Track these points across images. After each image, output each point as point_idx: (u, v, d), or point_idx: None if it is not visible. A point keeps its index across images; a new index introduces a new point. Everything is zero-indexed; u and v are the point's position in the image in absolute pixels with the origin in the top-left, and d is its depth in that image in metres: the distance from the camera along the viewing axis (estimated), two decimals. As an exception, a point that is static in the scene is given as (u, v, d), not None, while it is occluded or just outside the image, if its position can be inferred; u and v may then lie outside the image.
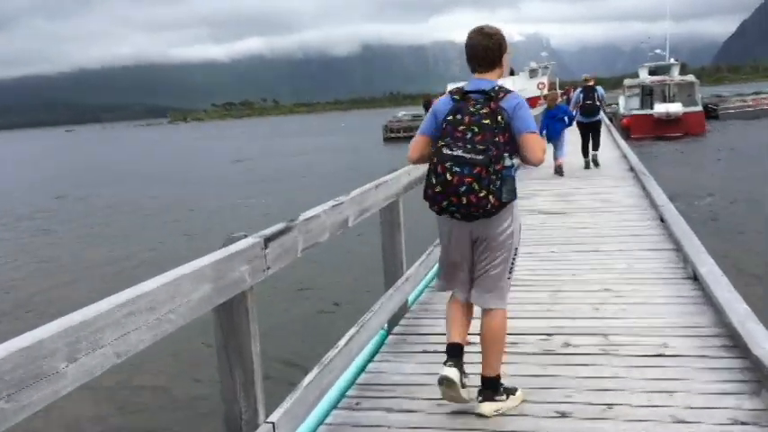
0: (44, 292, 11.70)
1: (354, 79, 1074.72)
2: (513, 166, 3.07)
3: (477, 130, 2.96)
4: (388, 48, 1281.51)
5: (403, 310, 4.76)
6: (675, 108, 31.36)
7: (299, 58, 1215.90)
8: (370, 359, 4.04)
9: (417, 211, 4.09)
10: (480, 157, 2.90)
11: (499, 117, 2.99)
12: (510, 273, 3.23)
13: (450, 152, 2.95)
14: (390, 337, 4.43)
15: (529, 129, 3.06)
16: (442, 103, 3.19)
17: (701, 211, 13.95)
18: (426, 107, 44.89)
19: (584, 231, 7.43)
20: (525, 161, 3.12)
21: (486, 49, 3.13)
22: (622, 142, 18.29)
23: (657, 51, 42.34)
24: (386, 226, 4.73)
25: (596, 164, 13.38)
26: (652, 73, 37.90)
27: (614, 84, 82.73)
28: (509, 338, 3.49)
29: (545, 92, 46.74)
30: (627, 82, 38.38)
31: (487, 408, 3.14)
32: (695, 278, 5.10)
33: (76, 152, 69.70)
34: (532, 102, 40.69)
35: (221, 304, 2.34)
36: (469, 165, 2.91)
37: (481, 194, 2.90)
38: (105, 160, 53.07)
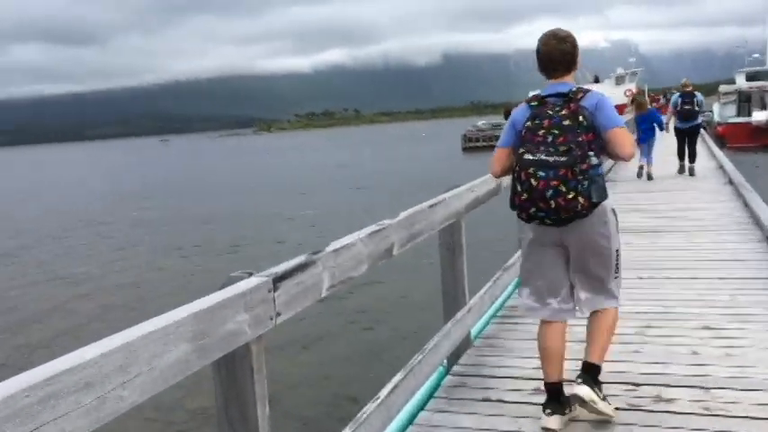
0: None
1: (436, 89, 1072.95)
2: (600, 164, 2.96)
3: (557, 132, 2.87)
4: (469, 57, 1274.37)
5: (465, 345, 4.19)
6: (775, 115, 29.27)
7: (380, 69, 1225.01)
8: (422, 406, 3.48)
9: (481, 230, 3.64)
10: (564, 158, 2.81)
11: (581, 117, 2.89)
12: (617, 272, 3.13)
13: (531, 157, 2.88)
14: (449, 378, 3.86)
15: (615, 123, 2.98)
16: (519, 113, 3.10)
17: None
18: (507, 116, 44.17)
19: (678, 254, 6.56)
20: (614, 157, 3.09)
21: (562, 53, 3.05)
22: (718, 152, 16.95)
23: (756, 56, 39.69)
24: (444, 249, 4.17)
25: (692, 174, 12.76)
26: (750, 79, 35.66)
27: (708, 91, 78.68)
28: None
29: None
30: (722, 88, 36.24)
31: (586, 391, 2.98)
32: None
33: (193, 164, 68.80)
34: (619, 110, 38.99)
35: (222, 357, 1.87)
36: (554, 168, 2.82)
37: (569, 196, 2.80)
38: (202, 171, 53.56)
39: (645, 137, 12.85)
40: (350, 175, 37.27)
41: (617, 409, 3.19)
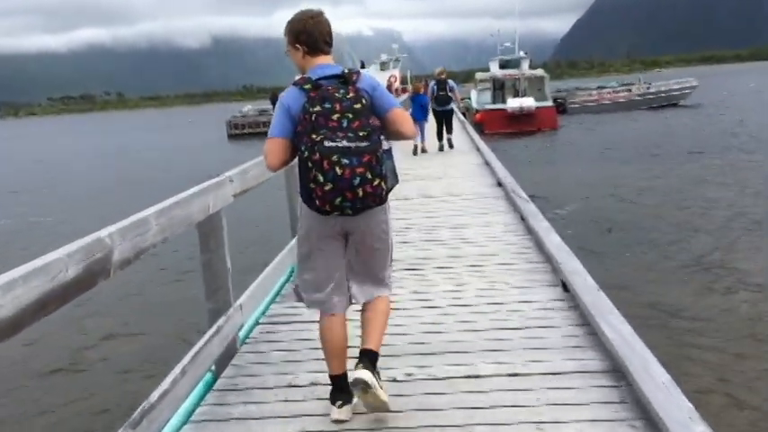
0: None
1: (207, 73, 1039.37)
2: (390, 148, 2.96)
3: (351, 116, 2.74)
4: (239, 40, 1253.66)
5: (232, 348, 3.82)
6: (529, 103, 31.02)
7: (145, 50, 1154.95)
8: (189, 416, 3.10)
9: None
10: (365, 143, 2.72)
11: (363, 100, 2.79)
12: (391, 261, 3.16)
13: (333, 144, 2.69)
14: (220, 381, 3.53)
15: (394, 104, 2.97)
16: (292, 98, 2.87)
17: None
18: (274, 102, 42.22)
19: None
20: (398, 136, 3.00)
21: (326, 32, 2.98)
22: (477, 137, 17.57)
23: (507, 44, 42.11)
24: (203, 245, 3.69)
25: (451, 145, 15.40)
26: (503, 66, 37.53)
27: (464, 78, 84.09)
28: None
29: (396, 85, 45.30)
30: (478, 75, 37.82)
31: (368, 375, 2.82)
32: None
33: None
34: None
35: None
36: (356, 154, 2.70)
37: (375, 183, 2.74)
38: None
39: (419, 117, 14.99)
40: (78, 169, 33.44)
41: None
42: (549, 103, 33.88)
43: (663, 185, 16.13)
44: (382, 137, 2.82)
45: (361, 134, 2.70)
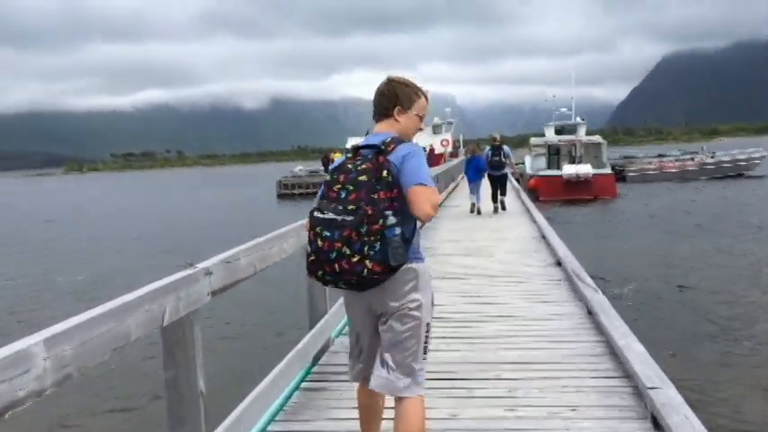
0: None
1: (264, 132, 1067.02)
2: (397, 224, 2.63)
3: (351, 188, 2.64)
4: (297, 102, 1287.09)
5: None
6: (585, 169, 29.81)
7: (206, 111, 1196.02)
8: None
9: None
10: (350, 217, 2.59)
11: (385, 172, 2.66)
12: (424, 353, 2.80)
13: (321, 215, 2.66)
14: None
15: (415, 180, 2.67)
16: (337, 163, 2.85)
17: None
18: (325, 164, 42.04)
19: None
20: (416, 216, 2.71)
21: (380, 96, 2.91)
22: (531, 205, 16.43)
23: (563, 110, 41.07)
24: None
25: (503, 207, 16.01)
26: (558, 132, 36.50)
27: (517, 143, 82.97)
28: None
29: (449, 149, 44.65)
30: (533, 141, 36.84)
31: None
32: None
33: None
34: (436, 159, 38.16)
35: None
36: (339, 227, 2.59)
37: (354, 260, 2.58)
38: None
39: (474, 178, 15.84)
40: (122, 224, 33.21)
41: None
42: (608, 170, 32.55)
43: (736, 263, 14.62)
44: (388, 212, 2.59)
45: (349, 207, 2.59)
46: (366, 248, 2.55)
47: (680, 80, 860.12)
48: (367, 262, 2.56)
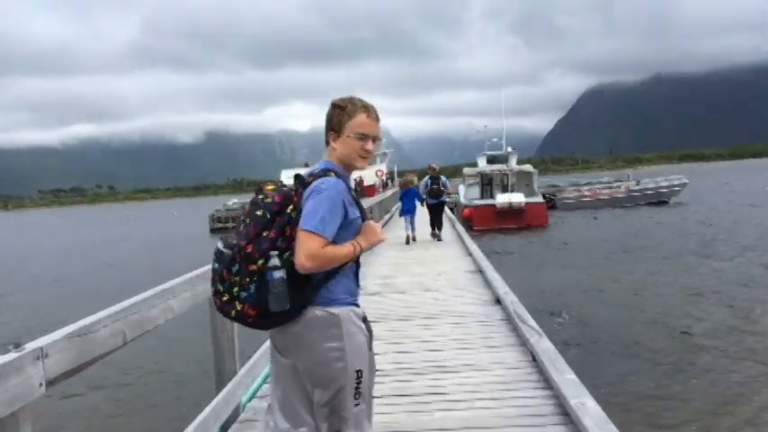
0: None
1: (200, 166, 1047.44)
2: (278, 266, 2.36)
3: (248, 221, 2.46)
4: (232, 136, 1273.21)
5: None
6: (518, 198, 29.94)
7: (138, 145, 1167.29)
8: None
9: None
10: (228, 251, 2.41)
11: (290, 207, 2.46)
12: (357, 399, 2.53)
13: (218, 244, 2.49)
14: None
15: (301, 224, 2.41)
16: None
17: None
18: (258, 196, 41.17)
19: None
20: None
21: (327, 125, 2.67)
22: (467, 237, 15.94)
23: (495, 140, 41.46)
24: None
25: (439, 239, 16.10)
26: (490, 161, 36.74)
27: (451, 172, 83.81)
28: None
29: (383, 179, 44.44)
30: (466, 171, 36.94)
31: None
32: None
33: None
34: (369, 191, 37.68)
35: None
36: (219, 261, 2.44)
37: (224, 299, 2.42)
38: None
39: (410, 208, 16.03)
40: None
41: None
42: (539, 198, 32.82)
43: (672, 290, 14.54)
44: (274, 252, 2.38)
45: (233, 241, 2.43)
46: (236, 289, 2.39)
47: (603, 111, 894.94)
48: (236, 303, 2.40)
